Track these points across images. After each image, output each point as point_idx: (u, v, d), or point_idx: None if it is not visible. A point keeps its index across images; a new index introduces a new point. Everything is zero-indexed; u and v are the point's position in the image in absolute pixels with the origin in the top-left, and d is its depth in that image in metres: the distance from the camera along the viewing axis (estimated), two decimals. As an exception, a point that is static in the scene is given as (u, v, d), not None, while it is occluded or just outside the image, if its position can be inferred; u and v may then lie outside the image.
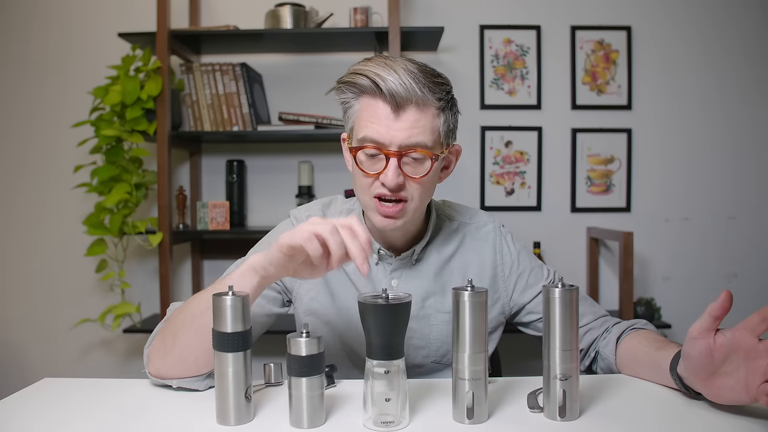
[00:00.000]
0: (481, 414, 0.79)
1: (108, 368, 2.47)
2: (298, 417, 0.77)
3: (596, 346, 1.09)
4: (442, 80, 0.97)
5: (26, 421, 0.81)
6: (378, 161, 0.95)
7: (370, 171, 0.96)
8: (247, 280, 0.85)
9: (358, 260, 0.78)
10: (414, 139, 0.93)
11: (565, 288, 0.79)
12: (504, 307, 1.13)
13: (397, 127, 0.93)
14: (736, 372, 0.77)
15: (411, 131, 0.93)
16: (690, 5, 2.44)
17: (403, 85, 0.91)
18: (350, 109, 0.99)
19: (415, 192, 0.97)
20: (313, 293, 1.09)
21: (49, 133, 2.45)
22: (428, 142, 0.94)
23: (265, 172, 2.47)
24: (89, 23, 2.44)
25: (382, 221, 0.98)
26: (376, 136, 0.93)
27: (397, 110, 0.92)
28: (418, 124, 0.93)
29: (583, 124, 2.45)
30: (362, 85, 0.94)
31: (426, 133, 0.94)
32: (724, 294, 0.76)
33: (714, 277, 2.47)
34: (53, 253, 2.48)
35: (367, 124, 0.95)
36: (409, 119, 0.93)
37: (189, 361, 0.89)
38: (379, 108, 0.93)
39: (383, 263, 1.08)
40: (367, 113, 0.95)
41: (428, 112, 0.94)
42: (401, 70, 0.92)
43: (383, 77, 0.91)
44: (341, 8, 2.31)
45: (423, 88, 0.92)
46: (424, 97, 0.92)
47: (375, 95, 0.94)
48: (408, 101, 0.92)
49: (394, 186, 0.94)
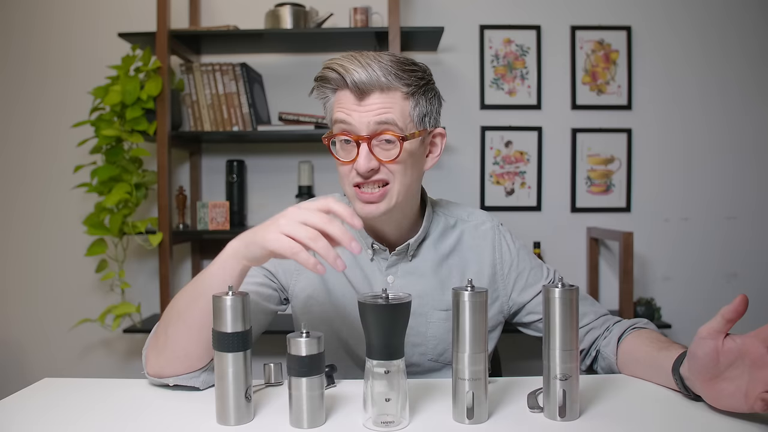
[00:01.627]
0: (481, 414, 0.79)
1: (108, 368, 2.47)
2: (298, 417, 0.77)
3: (597, 345, 1.08)
4: (415, 68, 0.99)
5: (26, 421, 0.81)
6: (351, 149, 0.97)
7: (344, 159, 0.98)
8: (228, 267, 0.85)
9: (344, 242, 0.78)
10: (380, 118, 0.95)
11: (565, 288, 0.79)
12: (503, 306, 1.13)
13: (363, 110, 0.95)
14: (738, 379, 0.76)
15: (377, 112, 0.95)
16: (690, 5, 2.44)
17: (367, 73, 0.94)
18: (327, 103, 1.02)
19: (396, 173, 0.98)
20: (309, 291, 1.09)
21: (49, 133, 2.45)
22: (397, 123, 0.96)
23: (265, 172, 2.47)
24: (89, 23, 2.44)
25: (364, 208, 0.99)
26: (345, 118, 0.96)
27: (360, 96, 0.95)
28: (384, 106, 0.95)
29: (583, 124, 2.45)
30: (331, 78, 0.97)
31: (393, 113, 0.96)
32: (739, 298, 0.75)
33: (714, 278, 2.47)
34: (53, 253, 2.48)
35: (337, 109, 0.98)
36: (374, 104, 0.95)
37: (181, 356, 0.89)
38: (346, 97, 0.97)
39: (378, 258, 1.08)
40: (338, 102, 0.98)
41: (393, 95, 0.96)
42: (367, 60, 0.95)
43: (347, 68, 0.94)
44: (341, 8, 2.31)
45: (388, 75, 0.94)
46: (389, 83, 0.95)
47: (343, 86, 0.97)
48: (371, 87, 0.95)
49: (366, 170, 0.95)
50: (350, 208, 0.82)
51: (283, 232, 0.79)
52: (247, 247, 0.84)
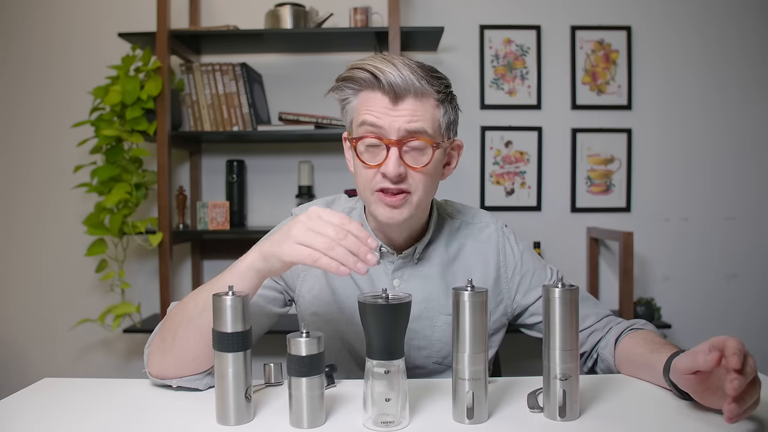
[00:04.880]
0: (481, 414, 0.79)
1: (108, 368, 2.47)
2: (298, 417, 0.77)
3: (598, 348, 1.08)
4: (441, 75, 0.98)
5: (26, 421, 0.81)
6: (378, 152, 0.95)
7: (371, 162, 0.95)
8: (246, 280, 0.86)
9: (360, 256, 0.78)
10: (414, 125, 0.93)
11: (565, 288, 0.79)
12: (507, 308, 1.12)
13: (395, 114, 0.93)
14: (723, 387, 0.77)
15: (410, 118, 0.93)
16: (690, 5, 2.44)
17: (402, 76, 0.91)
18: (349, 104, 0.99)
19: (418, 184, 0.96)
20: (315, 291, 1.09)
21: (49, 133, 2.45)
22: (428, 130, 0.94)
23: (265, 172, 2.47)
24: (89, 23, 2.44)
25: (386, 212, 0.96)
26: (375, 121, 0.93)
27: (395, 100, 0.93)
28: (417, 112, 0.93)
29: (583, 124, 2.45)
30: (361, 78, 0.94)
31: (426, 120, 0.94)
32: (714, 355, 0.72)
33: (713, 278, 2.47)
34: (53, 253, 2.48)
35: (365, 111, 0.95)
36: (407, 107, 0.93)
37: (188, 359, 0.89)
38: (377, 98, 0.94)
39: (385, 261, 1.08)
40: (366, 104, 0.95)
41: (427, 102, 0.95)
42: (399, 64, 0.93)
43: (382, 69, 0.92)
44: (341, 8, 2.31)
45: (421, 80, 0.93)
46: (423, 88, 0.93)
47: (374, 88, 0.94)
48: (406, 92, 0.93)
49: (395, 175, 0.93)
50: (365, 230, 0.81)
51: (298, 242, 0.80)
52: (265, 260, 0.84)
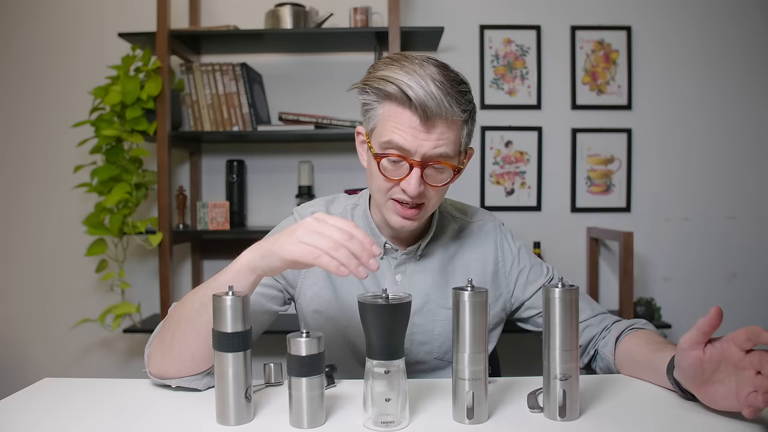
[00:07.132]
0: (481, 414, 0.79)
1: (108, 368, 2.47)
2: (298, 417, 0.77)
3: (595, 344, 1.09)
4: (466, 87, 0.97)
5: (26, 421, 0.81)
6: (400, 167, 0.96)
7: (392, 177, 0.97)
8: (242, 278, 0.85)
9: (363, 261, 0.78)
10: (438, 151, 0.94)
11: (565, 288, 0.79)
12: (506, 303, 1.14)
13: (424, 137, 0.93)
14: (728, 380, 0.77)
15: (437, 143, 0.94)
16: (690, 6, 2.44)
17: (434, 99, 0.90)
18: (372, 110, 0.98)
19: (433, 196, 1.00)
20: (317, 289, 1.10)
21: (49, 133, 2.45)
22: (451, 153, 0.96)
23: (265, 172, 2.47)
24: (89, 23, 2.44)
25: (399, 221, 1.00)
26: (403, 143, 0.93)
27: (426, 122, 0.92)
28: (444, 137, 0.94)
29: (583, 124, 2.45)
30: (390, 92, 0.93)
31: (450, 145, 0.95)
32: (714, 310, 0.76)
33: (714, 277, 2.47)
34: (53, 253, 2.48)
35: (393, 129, 0.94)
36: (437, 132, 0.93)
37: (187, 358, 0.89)
38: (406, 117, 0.93)
39: (388, 257, 1.09)
40: (394, 121, 0.94)
41: (454, 126, 0.95)
42: (429, 80, 0.91)
43: (413, 88, 0.90)
44: (341, 8, 2.31)
45: (451, 101, 0.92)
46: (452, 111, 0.92)
47: (403, 104, 0.93)
48: (437, 116, 0.92)
49: (416, 194, 0.95)
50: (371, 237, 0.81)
51: (302, 241, 0.80)
52: (263, 258, 0.84)
